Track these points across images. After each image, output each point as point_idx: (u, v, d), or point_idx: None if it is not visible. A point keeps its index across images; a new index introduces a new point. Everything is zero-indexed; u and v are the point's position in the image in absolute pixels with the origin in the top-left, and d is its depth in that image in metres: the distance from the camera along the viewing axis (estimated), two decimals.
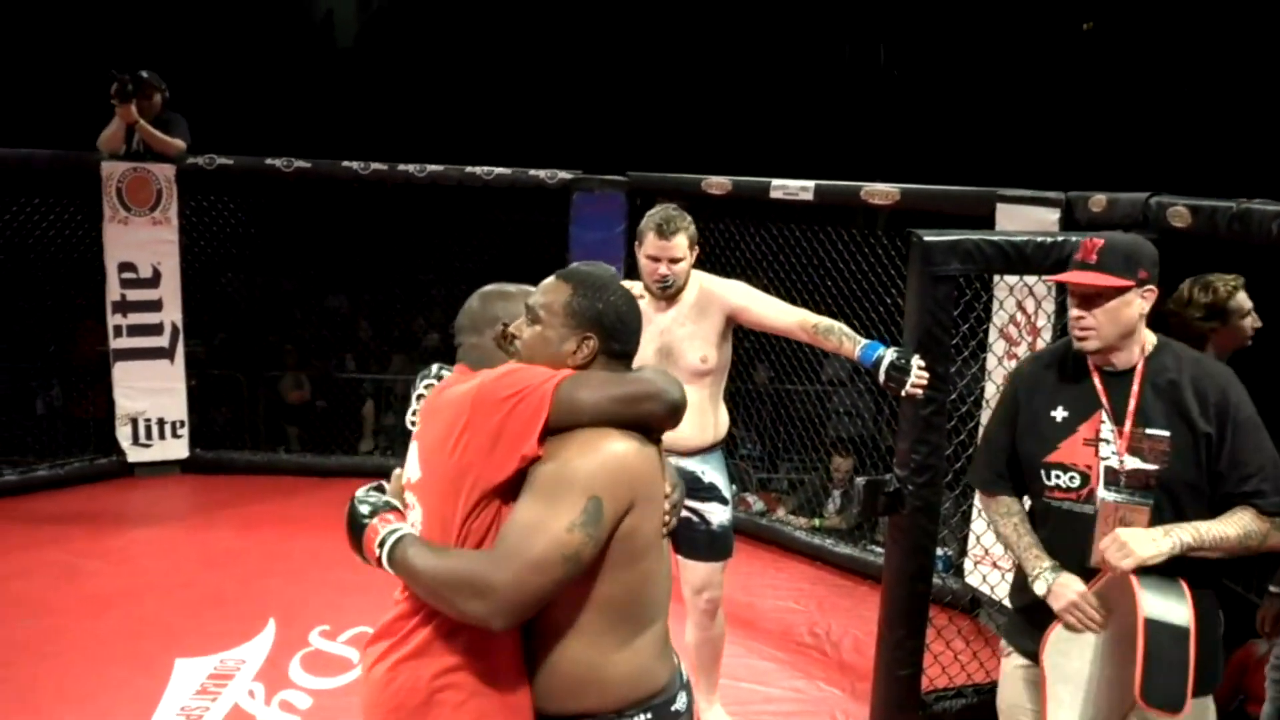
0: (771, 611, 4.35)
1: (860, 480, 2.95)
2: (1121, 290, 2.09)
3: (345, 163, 5.63)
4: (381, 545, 1.64)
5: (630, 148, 8.37)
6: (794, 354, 5.36)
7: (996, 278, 3.62)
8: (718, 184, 5.04)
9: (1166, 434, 2.10)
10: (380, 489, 1.78)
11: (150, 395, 5.57)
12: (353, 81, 11.73)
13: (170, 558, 4.65)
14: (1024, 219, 3.67)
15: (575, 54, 11.94)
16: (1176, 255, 2.95)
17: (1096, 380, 2.18)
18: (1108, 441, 2.14)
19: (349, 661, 3.70)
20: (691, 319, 3.08)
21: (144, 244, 5.48)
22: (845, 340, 2.92)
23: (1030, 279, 3.45)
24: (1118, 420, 2.14)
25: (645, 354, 2.99)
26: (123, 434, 5.55)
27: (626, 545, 1.60)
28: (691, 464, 3.08)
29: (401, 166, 5.61)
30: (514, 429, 1.57)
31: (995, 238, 2.94)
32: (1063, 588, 2.14)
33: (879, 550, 4.77)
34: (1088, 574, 2.14)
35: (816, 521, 5.31)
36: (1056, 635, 2.15)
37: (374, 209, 6.62)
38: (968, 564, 4.03)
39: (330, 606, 4.03)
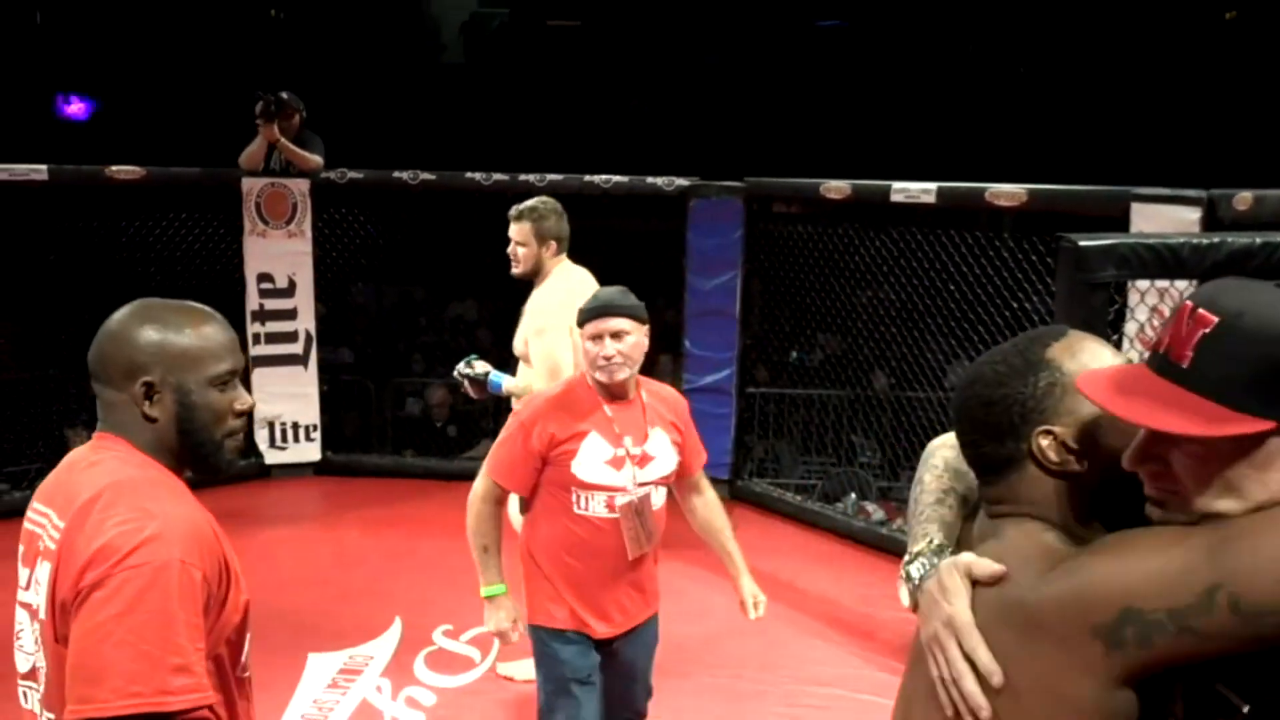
0: (891, 622, 4.26)
1: None
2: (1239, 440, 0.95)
3: (468, 174, 5.78)
4: None
5: (747, 153, 8.33)
6: (915, 360, 5.25)
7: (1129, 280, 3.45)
8: (836, 188, 4.97)
9: None
10: None
11: (286, 400, 5.82)
12: (474, 95, 12.04)
13: (304, 556, 4.84)
14: (1162, 219, 3.50)
15: (692, 60, 11.98)
16: None
17: None
18: None
19: (471, 660, 3.79)
20: (528, 307, 3.40)
21: (280, 255, 5.73)
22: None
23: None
24: None
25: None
26: (260, 437, 5.81)
27: None
28: None
29: (522, 177, 5.71)
30: None
31: (1151, 240, 2.71)
32: None
33: None
34: None
35: None
36: None
37: (496, 218, 6.76)
38: None
39: (453, 606, 4.11)
